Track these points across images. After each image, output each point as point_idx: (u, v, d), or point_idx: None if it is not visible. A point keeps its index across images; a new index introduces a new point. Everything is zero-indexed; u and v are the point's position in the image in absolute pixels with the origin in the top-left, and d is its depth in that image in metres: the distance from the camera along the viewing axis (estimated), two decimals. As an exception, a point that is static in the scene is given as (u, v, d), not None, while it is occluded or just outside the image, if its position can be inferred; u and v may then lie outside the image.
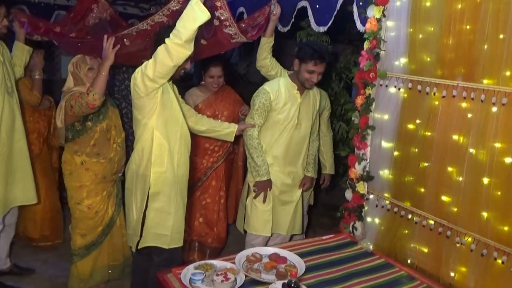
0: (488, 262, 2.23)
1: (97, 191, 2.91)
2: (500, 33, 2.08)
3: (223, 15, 2.50)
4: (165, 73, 2.22)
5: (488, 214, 2.22)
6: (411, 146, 2.58)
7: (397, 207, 2.70)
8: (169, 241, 2.45)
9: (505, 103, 2.08)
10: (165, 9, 2.38)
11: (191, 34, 2.09)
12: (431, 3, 2.39)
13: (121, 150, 2.98)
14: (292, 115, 2.90)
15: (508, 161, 2.11)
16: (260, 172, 2.82)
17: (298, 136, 2.97)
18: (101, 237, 3.00)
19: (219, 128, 2.86)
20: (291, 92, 2.88)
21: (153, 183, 2.38)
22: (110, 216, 3.00)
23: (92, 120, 2.84)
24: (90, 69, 2.83)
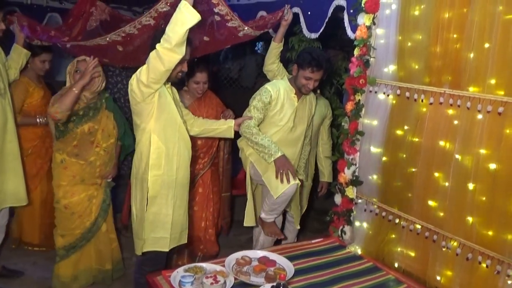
0: (473, 266, 2.27)
1: (73, 192, 2.89)
2: (486, 42, 2.14)
3: (222, 10, 2.52)
4: (158, 78, 2.23)
5: (473, 219, 2.26)
6: (399, 152, 2.63)
7: (385, 212, 2.74)
8: (168, 243, 2.46)
9: (490, 110, 2.14)
10: (152, 11, 2.35)
11: (181, 38, 2.09)
12: (420, 12, 2.45)
13: (105, 155, 2.95)
14: (288, 118, 2.91)
15: (493, 167, 2.16)
16: (272, 151, 2.68)
17: (291, 139, 2.98)
18: (81, 241, 2.96)
19: (216, 126, 2.82)
20: (289, 95, 2.91)
21: (151, 187, 2.39)
22: (92, 221, 2.96)
23: (74, 121, 2.84)
24: (76, 71, 2.83)
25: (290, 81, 2.95)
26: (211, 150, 3.34)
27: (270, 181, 2.71)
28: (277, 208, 2.81)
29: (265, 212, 2.87)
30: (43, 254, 3.59)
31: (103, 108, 2.96)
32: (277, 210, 2.84)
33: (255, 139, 2.74)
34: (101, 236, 3.06)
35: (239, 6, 3.68)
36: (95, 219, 2.98)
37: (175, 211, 2.46)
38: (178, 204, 2.48)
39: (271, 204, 2.77)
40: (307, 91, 2.88)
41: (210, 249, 3.42)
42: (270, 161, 2.68)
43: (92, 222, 2.97)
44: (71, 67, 2.87)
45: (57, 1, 4.67)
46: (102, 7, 3.05)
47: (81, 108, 2.86)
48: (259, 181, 2.98)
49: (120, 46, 2.64)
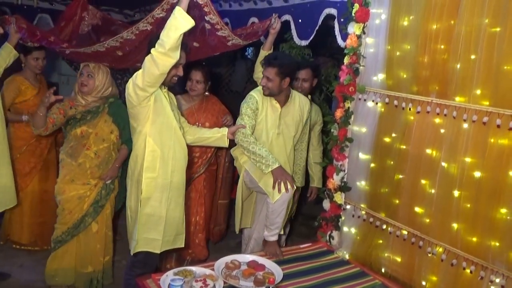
0: (457, 271, 2.32)
1: (64, 190, 2.97)
2: (472, 54, 2.20)
3: (212, 19, 2.56)
4: (153, 82, 2.27)
5: (458, 226, 2.32)
6: (387, 159, 2.68)
7: (373, 218, 2.79)
8: (160, 245, 2.47)
9: (475, 120, 2.20)
10: (149, 17, 2.40)
11: (174, 43, 2.13)
12: (408, 22, 2.50)
13: (96, 158, 2.97)
14: (272, 124, 2.88)
15: (477, 175, 2.22)
16: (269, 161, 2.64)
17: (278, 146, 2.93)
18: (67, 235, 3.00)
19: (209, 135, 2.77)
20: (271, 102, 2.88)
21: (145, 189, 2.41)
22: (78, 218, 2.99)
23: (70, 124, 2.94)
24: (81, 74, 2.94)
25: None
26: (205, 155, 3.34)
27: (267, 186, 2.68)
28: (277, 220, 2.74)
29: (267, 229, 2.80)
30: (30, 256, 3.56)
31: (104, 113, 3.00)
32: (277, 223, 2.76)
33: (252, 149, 2.69)
34: (89, 236, 3.06)
35: (231, 12, 3.72)
36: (83, 216, 3.00)
37: (168, 214, 2.47)
38: (173, 207, 2.50)
39: (271, 213, 2.71)
40: (265, 91, 2.83)
41: (198, 254, 3.41)
42: (267, 171, 2.64)
43: (77, 219, 2.99)
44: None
45: (48, 2, 4.66)
46: (93, 12, 3.08)
47: (79, 112, 2.93)
48: (254, 188, 2.95)
49: (119, 51, 2.68)
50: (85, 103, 2.95)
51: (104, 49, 2.67)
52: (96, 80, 2.92)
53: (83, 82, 2.91)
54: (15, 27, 3.00)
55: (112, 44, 2.62)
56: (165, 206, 2.45)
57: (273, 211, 2.71)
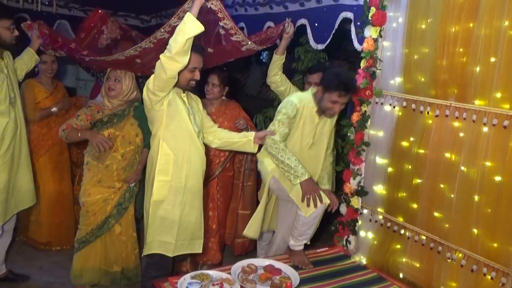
0: (477, 277, 2.29)
1: (90, 193, 3.01)
2: (491, 57, 2.17)
3: (227, 24, 2.58)
4: (163, 86, 2.30)
5: (478, 231, 2.28)
6: (405, 163, 2.65)
7: (390, 222, 2.76)
8: (173, 249, 2.48)
9: (495, 123, 2.17)
10: (166, 26, 2.42)
11: (181, 47, 2.15)
12: (426, 25, 2.48)
13: (122, 161, 3.02)
14: (307, 135, 2.80)
15: (498, 179, 2.18)
16: (298, 172, 2.56)
17: (311, 157, 2.86)
18: (90, 236, 3.05)
19: (237, 139, 2.70)
20: (311, 111, 2.78)
21: (156, 191, 2.43)
22: (101, 220, 3.04)
23: (97, 127, 2.98)
24: (107, 79, 3.00)
25: (314, 98, 2.79)
26: (218, 159, 3.35)
27: (299, 199, 2.61)
28: (307, 232, 2.72)
29: (294, 239, 2.76)
30: (49, 258, 3.62)
31: (130, 116, 3.05)
32: (306, 235, 2.73)
33: (281, 157, 2.60)
34: (113, 238, 3.12)
35: (247, 17, 3.73)
36: (106, 218, 3.05)
37: (182, 218, 2.48)
38: (187, 212, 2.50)
39: (301, 225, 2.68)
40: (331, 115, 2.76)
41: (211, 258, 3.40)
42: (295, 183, 2.58)
43: (101, 220, 3.04)
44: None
45: (66, 8, 4.74)
46: (113, 26, 3.13)
47: (106, 115, 2.99)
48: (283, 197, 2.88)
49: (138, 59, 2.72)
50: (112, 107, 3.01)
51: (124, 57, 2.72)
52: (123, 85, 2.98)
53: (111, 86, 2.97)
54: (37, 33, 3.08)
55: (132, 53, 2.66)
56: (178, 209, 2.46)
57: (304, 224, 2.69)
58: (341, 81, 2.60)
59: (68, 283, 3.18)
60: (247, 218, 3.65)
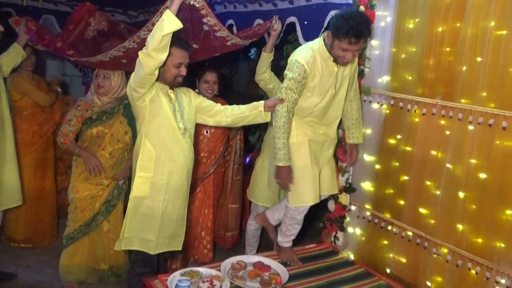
0: (462, 272, 2.34)
1: (78, 189, 3.00)
2: (478, 56, 2.21)
3: (210, 21, 2.58)
4: (142, 83, 2.30)
5: (463, 227, 2.33)
6: (392, 160, 2.69)
7: (378, 219, 2.80)
8: (154, 246, 2.45)
9: (481, 122, 2.21)
10: (149, 24, 2.38)
11: (157, 44, 2.15)
12: (414, 25, 2.52)
13: (110, 159, 3.00)
14: (328, 87, 2.56)
15: (482, 176, 2.24)
16: (278, 156, 2.51)
17: (334, 104, 2.66)
18: (78, 233, 3.03)
19: (247, 113, 2.57)
20: (327, 63, 2.51)
21: (136, 187, 2.43)
22: (90, 216, 3.03)
23: (86, 124, 2.97)
24: (96, 76, 2.98)
25: (326, 45, 2.49)
26: (214, 155, 3.35)
27: (292, 187, 2.61)
28: (295, 226, 2.75)
29: (282, 234, 2.79)
30: (36, 256, 3.58)
31: (119, 114, 3.04)
32: (294, 229, 2.77)
33: (275, 133, 2.52)
34: (102, 235, 3.11)
35: (236, 14, 3.72)
36: (95, 215, 3.04)
37: (164, 216, 2.46)
38: (169, 209, 2.47)
39: (289, 219, 2.72)
40: (344, 63, 2.46)
41: (203, 257, 3.39)
42: (274, 163, 2.56)
43: (90, 217, 3.03)
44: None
45: (52, 3, 4.67)
46: (100, 19, 3.10)
47: (95, 112, 2.97)
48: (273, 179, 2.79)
49: (123, 59, 2.70)
50: (101, 104, 3.00)
51: (108, 59, 2.70)
52: (112, 82, 2.97)
53: (100, 84, 2.96)
54: (25, 28, 3.03)
55: (115, 54, 2.64)
56: (160, 207, 2.44)
57: (292, 218, 2.72)
58: (351, 26, 2.27)
59: (55, 282, 3.17)
60: (237, 212, 3.71)
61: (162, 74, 2.38)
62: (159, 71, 2.31)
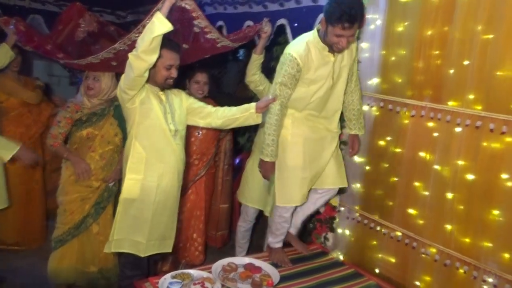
0: (450, 272, 2.38)
1: (67, 191, 2.97)
2: (465, 60, 2.26)
3: (201, 23, 2.58)
4: (132, 85, 2.29)
5: (451, 227, 2.37)
6: (382, 162, 2.72)
7: (367, 219, 2.83)
8: (144, 249, 2.45)
9: (468, 124, 2.26)
10: (140, 27, 2.37)
11: (147, 45, 2.14)
12: (403, 28, 2.55)
13: (100, 160, 2.98)
14: (325, 78, 2.52)
15: (470, 178, 2.28)
16: (265, 151, 2.54)
17: (333, 96, 2.62)
18: (67, 235, 3.00)
19: (239, 114, 2.54)
20: (322, 54, 2.48)
21: (126, 189, 2.42)
22: (79, 218, 3.00)
23: (76, 125, 2.94)
24: (86, 77, 2.95)
25: (320, 36, 2.46)
26: (206, 157, 3.35)
27: (280, 186, 2.65)
28: (283, 225, 2.76)
29: (272, 235, 2.81)
30: (24, 259, 3.54)
31: (110, 115, 3.01)
32: (283, 229, 2.78)
33: (266, 129, 2.54)
34: (91, 237, 3.07)
35: (226, 15, 3.73)
36: (84, 217, 3.01)
37: (154, 217, 2.45)
38: (160, 211, 2.47)
39: (278, 217, 2.73)
40: (339, 49, 2.42)
41: (194, 259, 3.39)
42: (260, 157, 2.59)
43: (79, 220, 3.00)
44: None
45: (40, 2, 4.61)
46: (90, 19, 3.07)
47: (85, 114, 2.95)
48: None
49: (113, 61, 2.68)
50: (91, 106, 2.97)
51: (98, 61, 2.68)
52: (102, 83, 2.94)
53: (90, 85, 2.93)
54: (14, 29, 2.99)
55: (106, 55, 2.62)
56: (150, 209, 2.43)
57: (280, 216, 2.73)
58: (343, 11, 2.23)
59: (44, 285, 3.13)
60: (227, 211, 3.72)
61: (153, 76, 2.38)
62: (150, 73, 2.30)
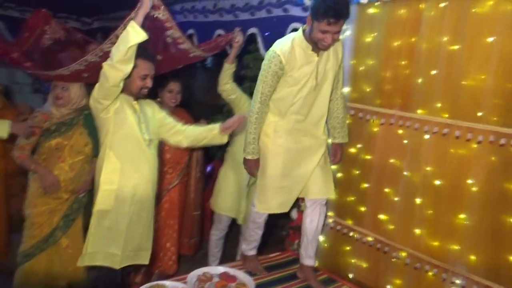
0: (420, 274, 2.45)
1: (35, 204, 2.86)
2: (432, 69, 2.35)
3: (174, 34, 2.57)
4: (106, 94, 2.25)
5: (421, 231, 2.45)
6: (353, 169, 2.78)
7: (340, 225, 2.88)
8: (120, 260, 2.39)
9: (436, 131, 2.35)
10: (113, 37, 2.34)
11: (123, 55, 2.13)
12: (372, 39, 2.63)
13: (70, 171, 2.88)
14: (308, 77, 2.49)
15: (438, 183, 2.36)
16: (247, 149, 2.55)
17: (316, 98, 2.57)
18: (35, 249, 2.87)
19: (204, 134, 2.59)
20: (306, 53, 2.46)
21: (100, 200, 2.36)
22: (48, 231, 2.88)
23: (44, 136, 2.83)
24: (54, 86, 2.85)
25: (305, 35, 2.46)
26: (179, 166, 3.31)
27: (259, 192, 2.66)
28: (257, 232, 2.77)
29: (245, 242, 2.81)
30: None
31: (79, 125, 2.91)
32: (256, 235, 2.78)
33: (247, 128, 2.55)
34: (60, 251, 2.94)
35: (196, 24, 3.73)
36: (53, 230, 2.89)
37: (129, 228, 2.40)
38: (135, 222, 2.42)
39: (251, 222, 2.74)
40: (324, 46, 2.38)
41: (168, 269, 3.33)
42: (243, 155, 2.60)
43: (47, 233, 2.88)
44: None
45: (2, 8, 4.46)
46: (56, 27, 2.99)
47: (54, 123, 2.84)
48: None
49: (84, 73, 2.62)
50: (60, 115, 2.86)
51: (69, 72, 2.61)
52: (71, 92, 2.84)
53: (58, 95, 2.83)
54: None
55: (77, 67, 2.56)
56: (125, 219, 2.39)
57: (253, 221, 2.74)
58: (329, 6, 2.23)
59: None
60: (198, 219, 3.70)
61: (127, 86, 2.34)
62: (124, 83, 2.26)
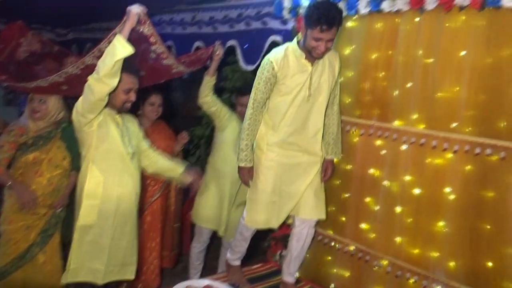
0: (401, 282, 2.49)
1: (11, 220, 2.78)
2: (409, 82, 2.42)
3: (159, 49, 2.57)
4: (91, 108, 2.23)
5: (401, 239, 2.50)
6: (334, 179, 2.81)
7: (321, 235, 2.90)
8: (103, 276, 2.34)
9: (413, 141, 2.41)
10: (96, 50, 2.31)
11: (109, 69, 2.11)
12: (350, 51, 2.70)
13: (48, 186, 2.82)
14: (301, 87, 2.47)
15: (416, 192, 2.42)
16: (240, 156, 2.55)
17: (309, 110, 2.53)
18: (11, 267, 2.78)
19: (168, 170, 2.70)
20: (299, 61, 2.46)
21: (83, 215, 2.31)
22: (24, 248, 2.80)
23: (21, 150, 2.76)
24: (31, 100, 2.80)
25: (299, 44, 2.47)
26: (162, 178, 3.28)
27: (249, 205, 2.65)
28: (242, 244, 2.77)
29: (231, 251, 2.81)
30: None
31: (57, 138, 2.84)
32: (241, 247, 2.78)
33: (241, 134, 2.57)
34: (36, 268, 2.86)
35: (175, 36, 3.73)
36: (29, 246, 2.82)
37: (113, 242, 2.37)
38: (118, 236, 2.39)
39: (239, 234, 2.74)
40: (318, 54, 2.38)
41: (151, 283, 3.29)
42: (237, 163, 2.60)
43: (24, 249, 2.80)
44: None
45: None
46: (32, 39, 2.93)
47: (30, 137, 2.77)
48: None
49: (63, 85, 2.58)
50: (37, 129, 2.79)
51: (48, 84, 2.56)
52: (49, 106, 2.79)
53: (35, 108, 2.77)
54: None
55: (56, 79, 2.52)
56: (109, 234, 2.35)
57: (240, 233, 2.73)
58: (321, 13, 2.24)
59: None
60: (178, 231, 3.68)
61: (111, 99, 2.31)
62: (108, 96, 2.24)
